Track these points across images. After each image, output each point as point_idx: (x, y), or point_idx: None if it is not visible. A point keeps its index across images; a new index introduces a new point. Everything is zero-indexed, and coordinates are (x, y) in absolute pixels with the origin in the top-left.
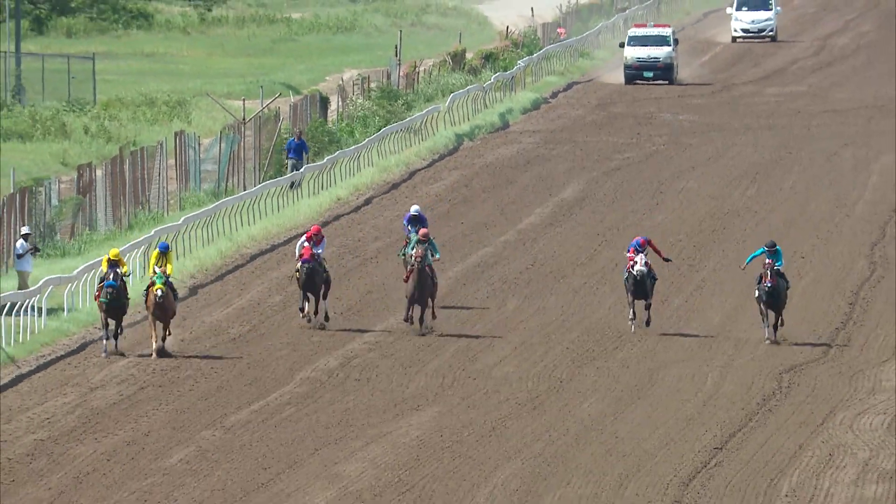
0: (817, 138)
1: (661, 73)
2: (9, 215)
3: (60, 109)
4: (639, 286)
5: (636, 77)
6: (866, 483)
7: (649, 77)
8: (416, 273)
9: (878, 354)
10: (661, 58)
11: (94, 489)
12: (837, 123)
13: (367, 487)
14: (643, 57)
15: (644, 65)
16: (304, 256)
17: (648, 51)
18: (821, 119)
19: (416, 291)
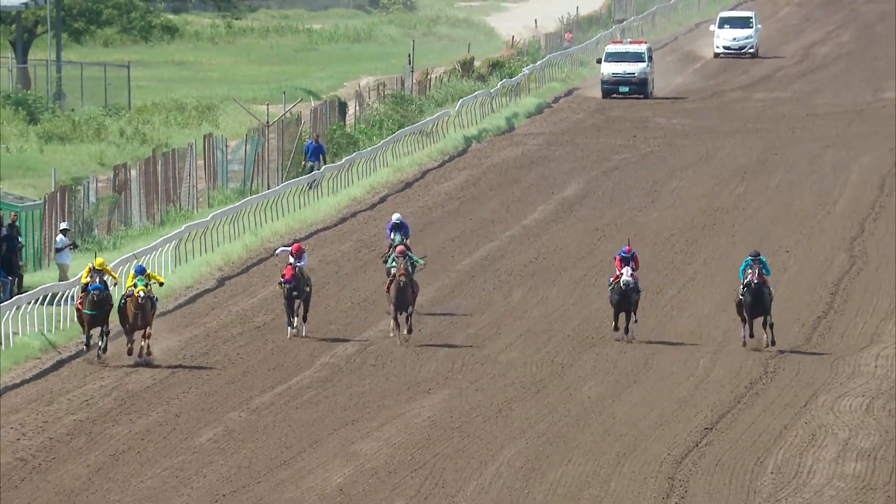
0: (801, 140)
1: (637, 87)
2: (50, 212)
3: (98, 114)
4: (623, 298)
5: (612, 92)
6: (846, 461)
7: (625, 92)
8: (398, 286)
9: (858, 341)
10: (636, 73)
11: (129, 466)
12: (819, 127)
13: (382, 465)
14: (619, 73)
15: (620, 80)
16: (286, 277)
17: (624, 67)
18: (804, 123)
19: (398, 301)
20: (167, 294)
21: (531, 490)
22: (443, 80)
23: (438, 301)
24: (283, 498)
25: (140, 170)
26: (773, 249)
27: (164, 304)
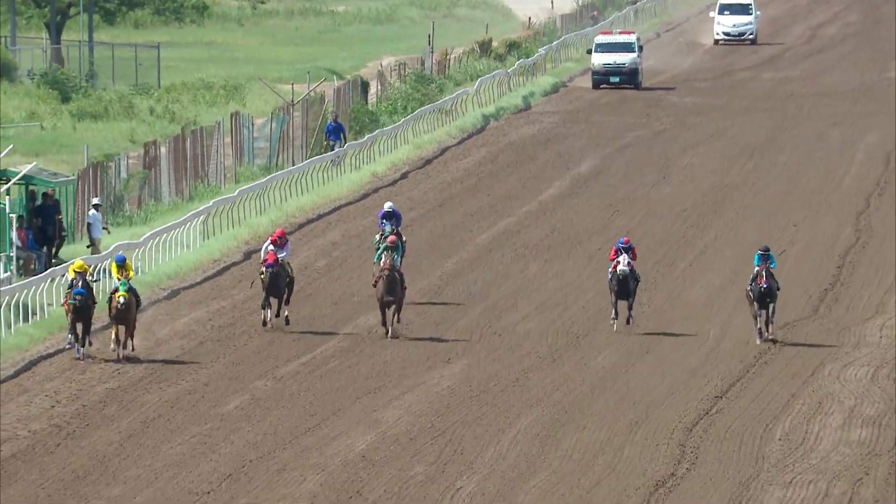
0: (809, 118)
1: (627, 77)
2: (83, 187)
3: (128, 93)
4: (622, 286)
5: (603, 82)
6: (852, 428)
7: (615, 82)
8: (386, 279)
9: (863, 312)
10: (626, 63)
11: (159, 432)
12: (827, 105)
13: (404, 432)
14: (609, 63)
15: (611, 70)
16: (269, 261)
17: (614, 57)
18: (812, 101)
19: (385, 296)
20: (195, 267)
21: (547, 456)
22: (462, 60)
23: (457, 274)
24: (308, 464)
25: (169, 147)
26: (782, 224)
27: (192, 276)
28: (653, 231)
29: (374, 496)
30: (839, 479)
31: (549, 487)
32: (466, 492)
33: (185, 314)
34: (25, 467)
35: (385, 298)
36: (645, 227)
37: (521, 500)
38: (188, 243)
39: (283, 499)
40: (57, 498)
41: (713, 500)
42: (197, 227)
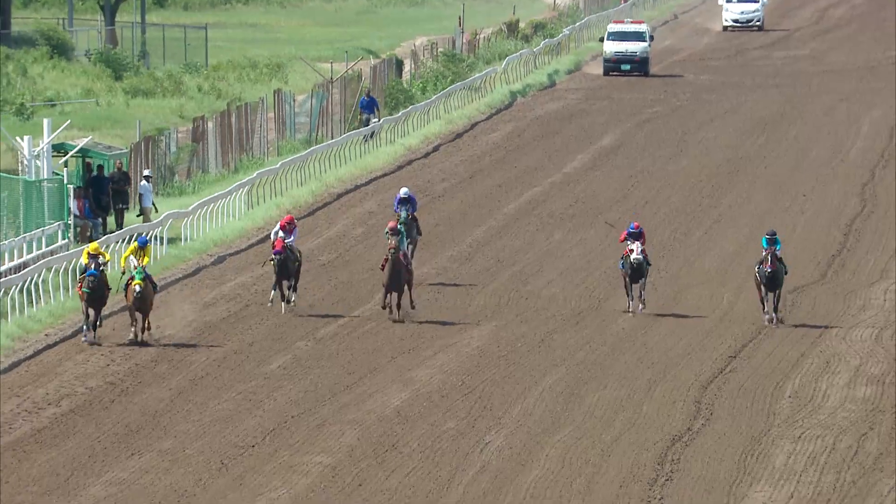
0: (817, 95)
1: (637, 66)
2: (135, 160)
3: (178, 71)
4: (636, 272)
5: (614, 69)
6: (857, 385)
7: (626, 69)
8: (391, 263)
9: (868, 277)
10: (637, 52)
11: (206, 390)
12: (834, 82)
13: (436, 390)
14: (621, 51)
15: (622, 58)
16: (277, 248)
17: (626, 45)
18: (820, 78)
19: (391, 280)
20: (240, 234)
21: (570, 413)
22: (490, 40)
23: (486, 242)
24: (346, 419)
25: (216, 122)
26: (792, 194)
27: (237, 243)
28: (670, 201)
29: (409, 449)
30: (845, 434)
31: (572, 442)
32: (495, 445)
33: (230, 279)
34: (83, 421)
35: (390, 283)
36: (663, 197)
37: (546, 454)
38: (234, 212)
39: (322, 452)
40: (112, 450)
41: (727, 454)
42: (242, 197)
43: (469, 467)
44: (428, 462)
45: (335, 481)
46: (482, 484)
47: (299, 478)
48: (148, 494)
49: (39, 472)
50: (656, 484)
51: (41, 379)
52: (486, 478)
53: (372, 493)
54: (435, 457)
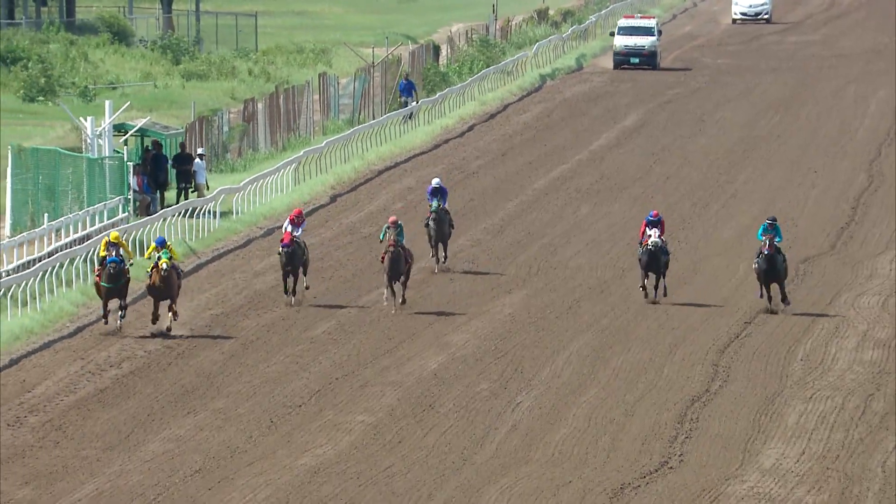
0: (827, 77)
1: (646, 59)
2: (190, 139)
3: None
4: (652, 259)
5: (623, 62)
6: (864, 349)
7: (636, 63)
8: (391, 254)
9: (875, 248)
10: (646, 46)
11: (256, 353)
12: (843, 65)
13: (470, 354)
14: (630, 45)
15: (631, 52)
16: (285, 241)
17: (635, 40)
18: (830, 62)
19: (392, 269)
20: (288, 209)
21: (596, 375)
22: (522, 26)
23: (518, 215)
24: (386, 381)
25: (265, 103)
26: (803, 170)
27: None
28: (689, 177)
29: (445, 409)
30: (853, 395)
31: (597, 402)
32: (525, 405)
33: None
34: (142, 382)
35: (391, 272)
36: (682, 173)
37: (574, 413)
38: (281, 188)
39: (364, 411)
40: (169, 409)
41: (742, 413)
42: (289, 174)
43: (501, 426)
44: (463, 421)
45: (377, 439)
46: (514, 441)
47: (343, 435)
48: (202, 450)
49: (102, 429)
50: (676, 441)
51: (103, 342)
52: (517, 435)
53: (411, 449)
54: (469, 416)
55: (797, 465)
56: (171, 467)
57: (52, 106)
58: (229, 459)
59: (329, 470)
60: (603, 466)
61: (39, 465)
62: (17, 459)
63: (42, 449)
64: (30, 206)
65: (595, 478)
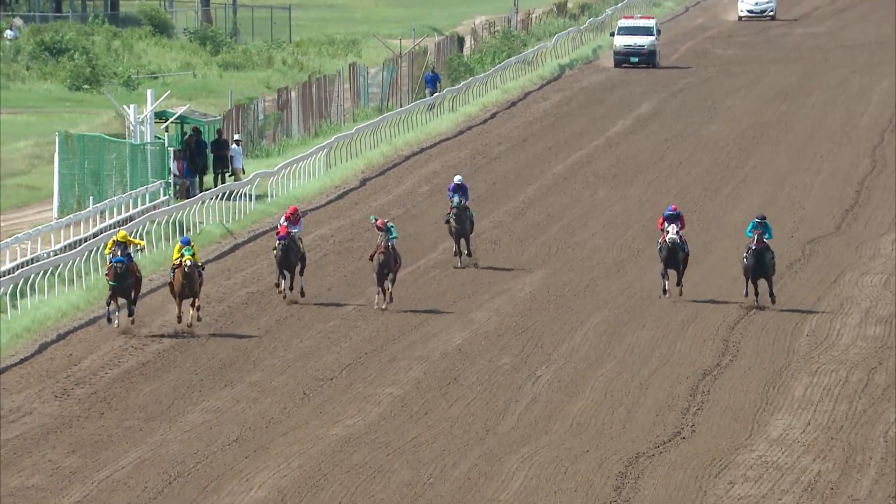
0: (832, 67)
1: (646, 58)
2: (227, 125)
3: (265, 47)
4: (671, 255)
5: (623, 61)
6: (867, 326)
7: (635, 62)
8: (380, 256)
9: (878, 229)
10: (645, 45)
11: (290, 329)
12: (847, 56)
13: (493, 330)
14: (630, 44)
15: (631, 51)
16: (281, 234)
17: (634, 39)
18: (835, 53)
19: (381, 269)
20: (319, 192)
21: (612, 350)
22: (542, 19)
23: (538, 198)
24: (413, 355)
25: (299, 92)
26: (810, 156)
27: (317, 199)
28: (701, 162)
29: (468, 382)
30: (857, 368)
31: (613, 376)
32: (545, 379)
33: (311, 231)
34: (182, 357)
35: (381, 272)
36: (694, 158)
37: (591, 386)
38: (314, 172)
39: (392, 384)
40: (208, 382)
41: (751, 386)
42: (321, 159)
43: (522, 398)
44: (486, 393)
45: (404, 410)
46: (534, 413)
47: (372, 407)
48: (239, 421)
49: (144, 400)
50: (688, 413)
51: (146, 319)
52: (537, 407)
53: (436, 420)
54: (492, 389)
55: (803, 435)
56: (210, 437)
57: (97, 95)
58: (264, 429)
59: (359, 440)
60: (619, 436)
61: (85, 435)
62: (64, 429)
63: (88, 419)
64: (76, 190)
65: (611, 447)
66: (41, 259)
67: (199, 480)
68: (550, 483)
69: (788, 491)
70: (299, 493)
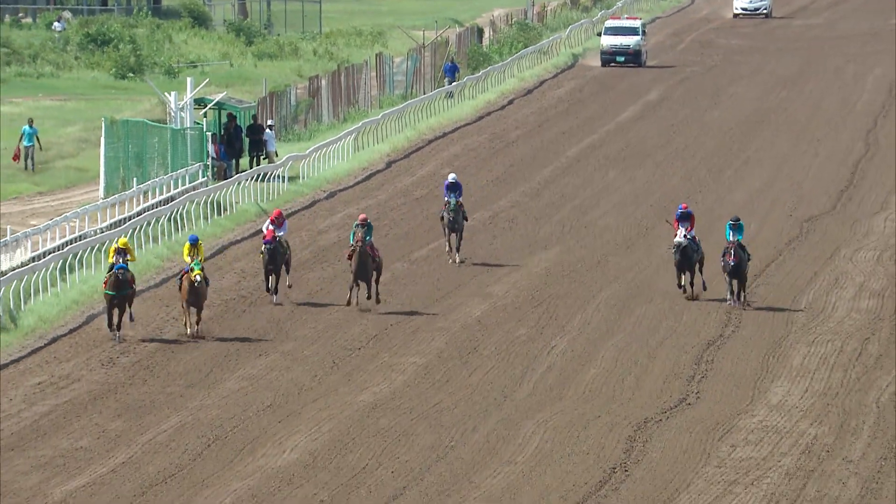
0: (829, 57)
1: (631, 57)
2: (261, 111)
3: (297, 38)
4: (684, 256)
5: (610, 61)
6: (861, 299)
7: (621, 61)
8: (358, 254)
9: (871, 208)
10: (631, 45)
11: (320, 302)
12: (843, 46)
13: (510, 303)
14: (616, 44)
15: (617, 51)
16: (267, 238)
17: (621, 39)
18: (831, 43)
19: (358, 270)
20: (348, 173)
21: (622, 322)
22: (556, 11)
23: (552, 180)
24: (436, 327)
25: (328, 80)
26: (808, 139)
27: (346, 181)
28: (705, 146)
29: (487, 352)
30: (851, 339)
31: (623, 346)
32: (559, 349)
33: (340, 210)
34: (219, 327)
35: (358, 272)
36: (699, 142)
37: (602, 356)
38: (343, 155)
39: (416, 354)
40: (243, 351)
41: (752, 355)
42: (349, 143)
43: (538, 366)
44: (503, 362)
45: (427, 378)
46: (549, 380)
47: (397, 375)
48: (273, 388)
49: (185, 368)
50: (693, 380)
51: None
52: (552, 375)
53: (457, 388)
54: (509, 358)
55: (801, 401)
56: (245, 402)
57: (140, 83)
58: (296, 396)
59: (385, 405)
60: (628, 402)
61: (129, 400)
62: (110, 395)
63: (132, 386)
64: (121, 171)
65: (621, 412)
66: (88, 236)
67: (236, 443)
68: (564, 446)
69: (787, 453)
70: (329, 455)
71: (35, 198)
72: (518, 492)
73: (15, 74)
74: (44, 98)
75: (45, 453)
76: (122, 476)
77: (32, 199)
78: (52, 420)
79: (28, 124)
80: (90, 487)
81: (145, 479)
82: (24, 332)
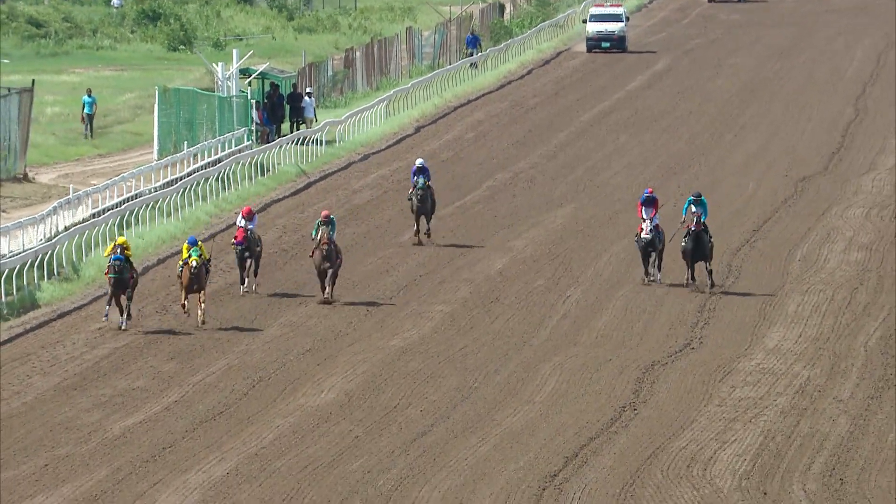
0: (821, 29)
1: (616, 43)
2: (301, 81)
3: (334, 13)
4: (649, 247)
5: (595, 46)
6: (851, 252)
7: (606, 47)
8: (323, 252)
9: (860, 169)
10: (615, 31)
11: (355, 255)
12: (834, 20)
13: (529, 256)
14: (601, 31)
15: (602, 37)
16: (238, 238)
17: (605, 26)
18: (823, 17)
19: (323, 265)
20: (381, 137)
21: (631, 273)
22: None
23: (567, 143)
24: (461, 278)
25: (363, 52)
26: (801, 105)
27: (378, 144)
28: (707, 112)
29: (508, 301)
30: (841, 289)
31: (632, 295)
32: (574, 298)
33: (373, 171)
34: (263, 278)
35: (322, 266)
36: (702, 109)
37: (613, 305)
38: (375, 121)
39: (443, 303)
40: (285, 300)
41: (751, 304)
42: (381, 109)
43: (554, 314)
44: (523, 310)
45: (453, 325)
46: (564, 327)
47: (426, 322)
48: (312, 334)
49: (233, 315)
50: (696, 327)
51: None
52: (567, 322)
53: (481, 333)
54: (528, 307)
55: (795, 345)
56: (287, 347)
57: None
58: (333, 341)
59: (414, 350)
60: (637, 347)
61: (181, 345)
62: (163, 339)
63: (183, 331)
64: (173, 136)
65: (630, 356)
66: (143, 195)
67: (278, 384)
68: (578, 387)
69: (782, 393)
70: (363, 395)
71: (95, 159)
72: (536, 428)
73: (77, 47)
74: (103, 69)
75: (105, 392)
76: (174, 413)
77: (92, 160)
78: (111, 362)
79: (87, 94)
80: (145, 424)
81: (195, 416)
82: (86, 282)
